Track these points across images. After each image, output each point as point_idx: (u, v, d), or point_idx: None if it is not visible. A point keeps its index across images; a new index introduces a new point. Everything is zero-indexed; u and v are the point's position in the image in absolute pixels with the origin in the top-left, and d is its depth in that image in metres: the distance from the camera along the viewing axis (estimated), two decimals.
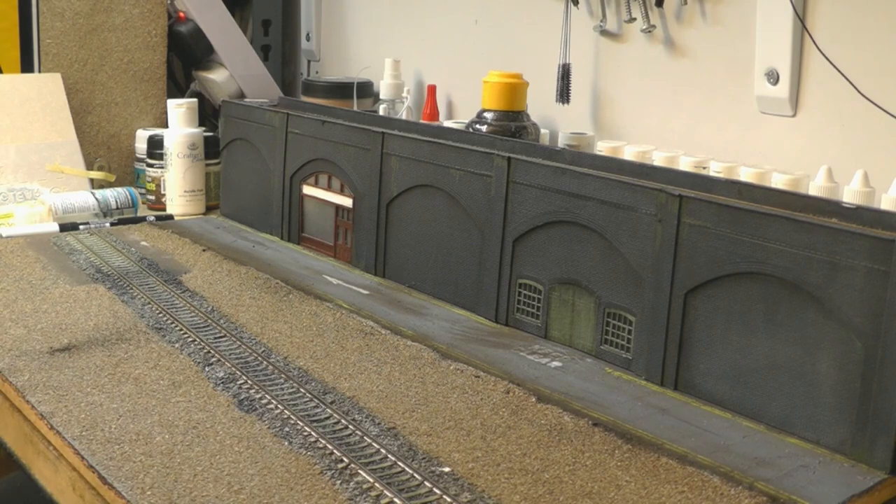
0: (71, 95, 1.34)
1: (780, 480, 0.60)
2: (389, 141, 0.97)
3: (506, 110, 1.09)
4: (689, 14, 1.08)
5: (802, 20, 0.97)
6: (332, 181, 1.06)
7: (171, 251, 1.05)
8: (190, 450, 0.60)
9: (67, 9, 1.34)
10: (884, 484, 0.60)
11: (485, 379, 0.74)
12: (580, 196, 0.79)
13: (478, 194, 0.88)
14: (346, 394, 0.70)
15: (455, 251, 0.91)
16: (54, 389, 0.68)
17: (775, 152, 1.01)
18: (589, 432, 0.65)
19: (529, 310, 0.85)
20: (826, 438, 0.64)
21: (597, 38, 1.19)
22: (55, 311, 0.84)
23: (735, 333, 0.69)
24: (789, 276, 0.66)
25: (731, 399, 0.70)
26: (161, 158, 1.28)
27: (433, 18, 1.44)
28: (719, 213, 0.70)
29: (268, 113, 1.15)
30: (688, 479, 0.59)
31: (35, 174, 1.26)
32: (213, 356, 0.75)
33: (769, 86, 1.00)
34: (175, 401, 0.67)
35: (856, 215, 0.65)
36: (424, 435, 0.64)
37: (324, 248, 1.08)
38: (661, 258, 0.74)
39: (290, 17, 1.73)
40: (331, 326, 0.84)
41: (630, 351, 0.77)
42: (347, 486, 0.56)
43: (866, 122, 0.93)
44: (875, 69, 0.92)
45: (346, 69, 1.62)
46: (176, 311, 0.85)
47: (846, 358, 0.63)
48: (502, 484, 0.58)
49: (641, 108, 1.15)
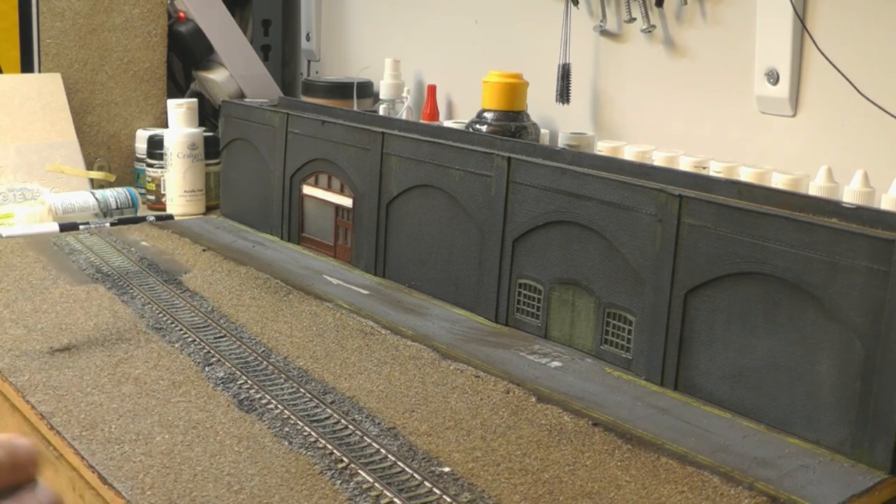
0: (71, 95, 1.34)
1: (780, 480, 0.60)
2: (389, 141, 0.97)
3: (506, 110, 1.09)
4: (689, 14, 1.08)
5: (802, 20, 0.97)
6: (332, 181, 1.06)
7: (171, 251, 1.05)
8: (190, 450, 0.60)
9: (67, 9, 1.34)
10: (884, 484, 0.60)
11: (485, 379, 0.74)
12: (580, 196, 0.79)
13: (478, 194, 0.88)
14: (346, 394, 0.70)
15: (455, 251, 0.91)
16: (54, 389, 0.68)
17: (775, 152, 1.01)
18: (589, 432, 0.65)
19: (529, 310, 0.85)
20: (826, 438, 0.64)
21: (597, 38, 1.19)
22: (55, 311, 0.84)
23: (735, 333, 0.69)
24: (789, 277, 0.65)
25: (731, 399, 0.70)
26: (161, 158, 1.28)
27: (433, 18, 1.44)
28: (719, 213, 0.70)
29: (268, 113, 1.15)
30: (688, 479, 0.59)
31: (35, 174, 1.26)
32: (213, 356, 0.75)
33: (769, 86, 1.00)
34: (175, 401, 0.67)
35: (856, 215, 0.65)
36: (424, 435, 0.64)
37: (324, 248, 1.08)
38: (661, 258, 0.73)
39: (290, 17, 1.73)
40: (331, 326, 0.84)
41: (630, 351, 0.77)
42: (347, 486, 0.56)
43: (866, 122, 0.93)
44: (875, 69, 0.92)
45: (346, 69, 1.62)
46: (176, 311, 0.85)
47: (846, 358, 0.63)
48: (502, 484, 0.58)
49: (641, 108, 1.15)
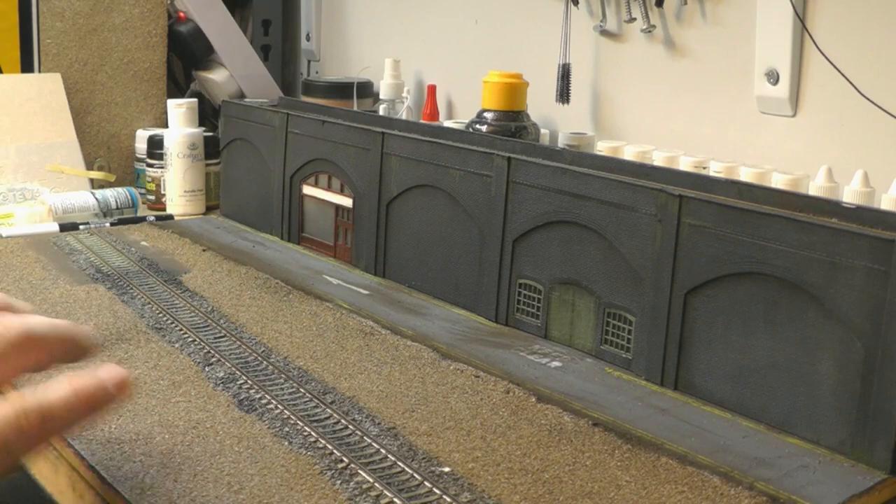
0: (71, 95, 1.34)
1: (780, 480, 0.60)
2: (389, 141, 0.97)
3: (506, 110, 1.09)
4: (689, 14, 1.08)
5: (802, 20, 0.97)
6: (332, 181, 1.06)
7: (171, 251, 1.05)
8: (190, 450, 0.60)
9: (67, 9, 1.34)
10: (884, 484, 0.60)
11: (485, 379, 0.74)
12: (580, 196, 0.79)
13: (478, 194, 0.88)
14: (346, 394, 0.70)
15: (455, 251, 0.91)
16: None
17: (775, 152, 1.01)
18: (589, 432, 0.65)
19: (529, 310, 0.85)
20: (826, 438, 0.64)
21: (597, 38, 1.19)
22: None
23: (735, 333, 0.69)
24: (789, 276, 0.65)
25: (731, 399, 0.70)
26: (161, 158, 1.28)
27: (433, 18, 1.44)
28: (719, 213, 0.70)
29: (268, 113, 1.15)
30: (688, 479, 0.59)
31: (35, 174, 1.26)
32: (213, 356, 0.75)
33: (769, 86, 1.00)
34: (175, 401, 0.67)
35: (856, 215, 0.65)
36: (424, 435, 0.64)
37: (324, 248, 1.08)
38: (661, 258, 0.73)
39: (290, 17, 1.73)
40: (331, 326, 0.84)
41: (630, 351, 0.77)
42: (347, 486, 0.56)
43: (866, 122, 0.93)
44: (875, 69, 0.92)
45: (346, 69, 1.62)
46: (176, 311, 0.85)
47: (846, 358, 0.63)
48: (502, 484, 0.58)
49: (641, 108, 1.15)
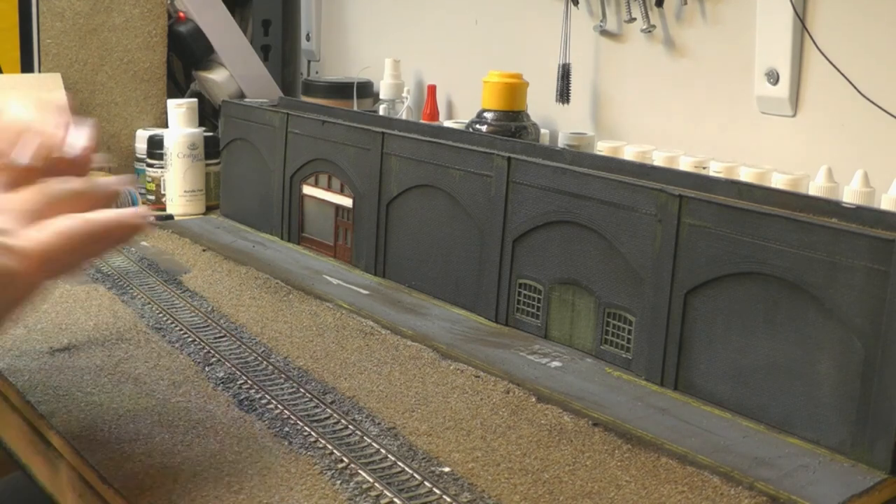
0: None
1: (780, 480, 0.60)
2: (389, 141, 0.97)
3: (506, 110, 1.09)
4: (689, 14, 1.08)
5: (802, 20, 0.97)
6: (332, 181, 1.06)
7: (171, 251, 1.05)
8: (190, 450, 0.60)
9: (67, 9, 1.34)
10: (884, 484, 0.60)
11: (485, 379, 0.74)
12: (580, 196, 0.79)
13: (478, 194, 0.88)
14: (346, 394, 0.70)
15: (455, 251, 0.91)
16: (54, 389, 0.68)
17: (775, 152, 1.01)
18: (589, 432, 0.65)
19: (529, 310, 0.85)
20: (826, 438, 0.64)
21: (597, 38, 1.19)
22: (55, 311, 0.84)
23: (735, 333, 0.69)
24: (789, 277, 0.65)
25: (731, 399, 0.70)
26: (161, 158, 1.28)
27: (433, 18, 1.44)
28: (719, 213, 0.70)
29: (268, 113, 1.15)
30: (688, 479, 0.59)
31: None
32: (213, 356, 0.75)
33: (769, 86, 1.00)
34: (175, 401, 0.67)
35: (856, 215, 0.65)
36: (424, 435, 0.64)
37: (324, 248, 1.08)
38: (661, 258, 0.73)
39: (290, 17, 1.73)
40: (331, 326, 0.84)
41: (630, 351, 0.77)
42: (347, 486, 0.56)
43: (866, 122, 0.93)
44: (875, 69, 0.92)
45: (346, 69, 1.62)
46: (176, 311, 0.85)
47: (846, 358, 0.63)
48: (502, 484, 0.58)
49: (641, 108, 1.15)
